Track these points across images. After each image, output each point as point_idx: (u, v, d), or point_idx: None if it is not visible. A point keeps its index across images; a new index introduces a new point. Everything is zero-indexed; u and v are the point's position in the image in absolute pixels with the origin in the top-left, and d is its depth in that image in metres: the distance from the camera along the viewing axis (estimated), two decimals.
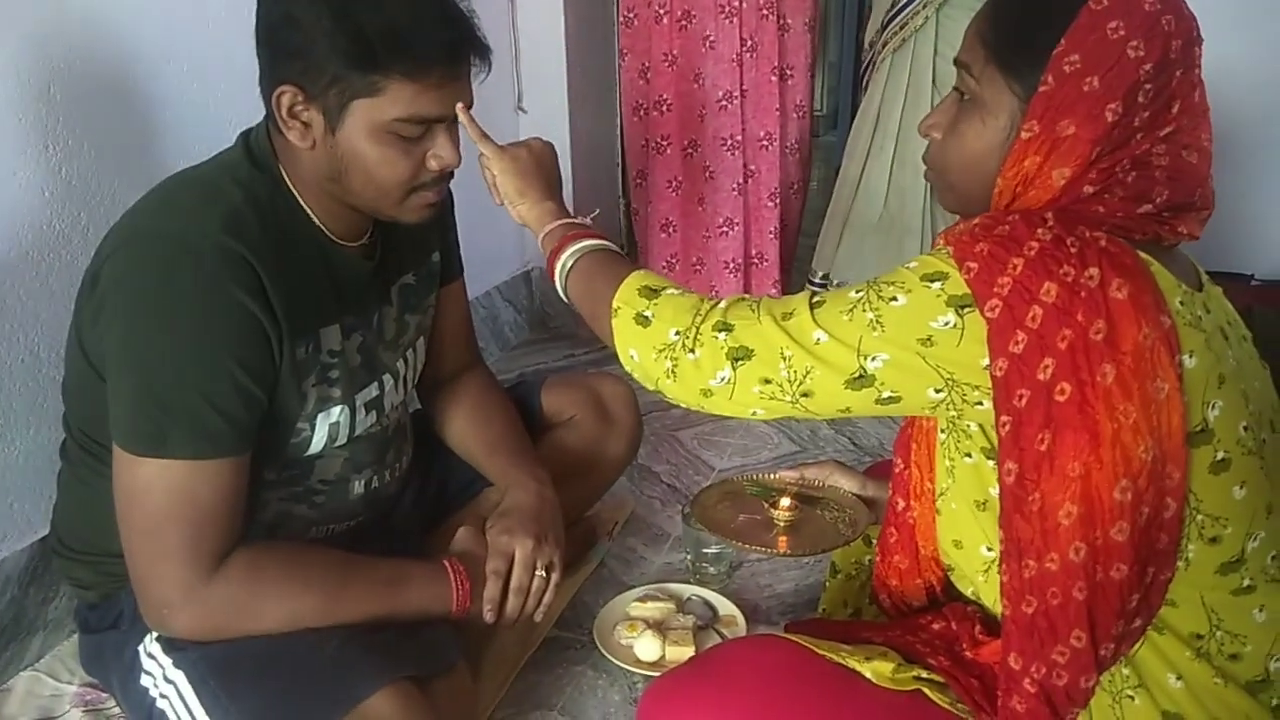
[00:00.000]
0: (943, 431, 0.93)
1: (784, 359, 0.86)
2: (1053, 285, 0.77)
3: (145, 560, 0.99)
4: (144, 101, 1.47)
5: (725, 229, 2.55)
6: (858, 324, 0.83)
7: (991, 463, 0.86)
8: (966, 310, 0.79)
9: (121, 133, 1.42)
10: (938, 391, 0.83)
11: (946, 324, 0.80)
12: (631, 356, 0.96)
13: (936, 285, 0.81)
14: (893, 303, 0.82)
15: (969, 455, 0.90)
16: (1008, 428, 0.80)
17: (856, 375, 0.83)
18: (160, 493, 0.97)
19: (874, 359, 0.82)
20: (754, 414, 0.91)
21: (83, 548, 1.15)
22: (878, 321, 0.82)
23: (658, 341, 0.93)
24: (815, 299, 0.88)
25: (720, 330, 0.89)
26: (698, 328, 0.91)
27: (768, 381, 0.87)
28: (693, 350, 0.90)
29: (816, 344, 0.84)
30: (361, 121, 1.00)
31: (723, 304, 0.93)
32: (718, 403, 0.91)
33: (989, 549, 0.91)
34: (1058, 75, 0.81)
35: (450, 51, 1.02)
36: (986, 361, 0.80)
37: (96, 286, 1.00)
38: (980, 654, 0.91)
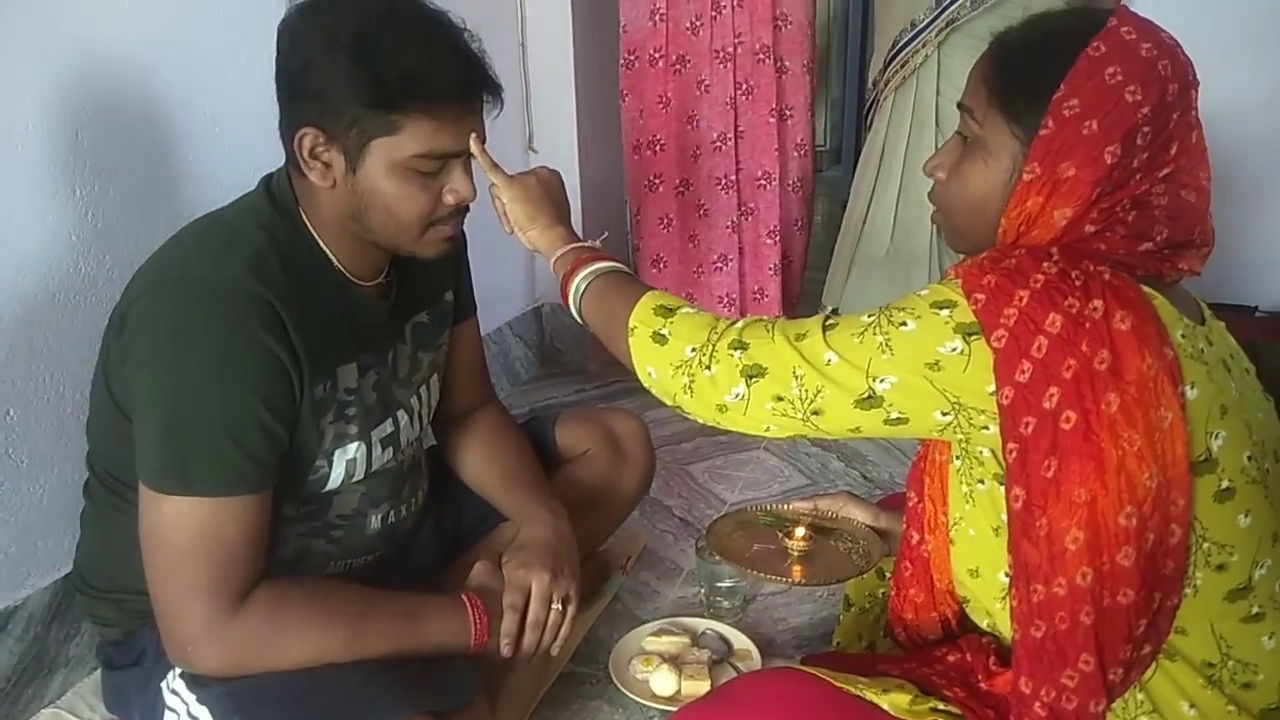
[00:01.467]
0: (957, 459, 0.95)
1: (796, 378, 0.88)
2: (1058, 316, 0.79)
3: (170, 597, 1.00)
4: (168, 147, 1.50)
5: (720, 265, 2.59)
6: (868, 347, 0.86)
7: (1003, 488, 0.88)
8: (973, 338, 0.82)
9: (146, 178, 1.46)
10: (944, 414, 0.85)
11: (954, 350, 0.83)
12: (649, 374, 0.99)
13: (945, 313, 0.84)
14: (902, 328, 0.85)
15: (982, 482, 0.91)
16: (1015, 455, 0.82)
17: (865, 396, 0.86)
18: (186, 530, 0.98)
19: (882, 381, 0.85)
20: (767, 430, 0.93)
21: (105, 585, 1.17)
22: (887, 345, 0.85)
23: (674, 359, 0.96)
24: (828, 322, 0.90)
25: (736, 348, 0.92)
26: (714, 345, 0.94)
27: (780, 399, 0.89)
28: (709, 367, 0.93)
29: (828, 365, 0.87)
30: (381, 160, 1.03)
31: (739, 324, 0.95)
32: (732, 418, 0.93)
33: (1006, 574, 0.91)
34: (1058, 119, 0.83)
35: (464, 89, 1.05)
36: (992, 388, 0.82)
37: (124, 328, 1.03)
38: (994, 685, 0.92)
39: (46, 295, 1.33)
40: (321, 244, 1.11)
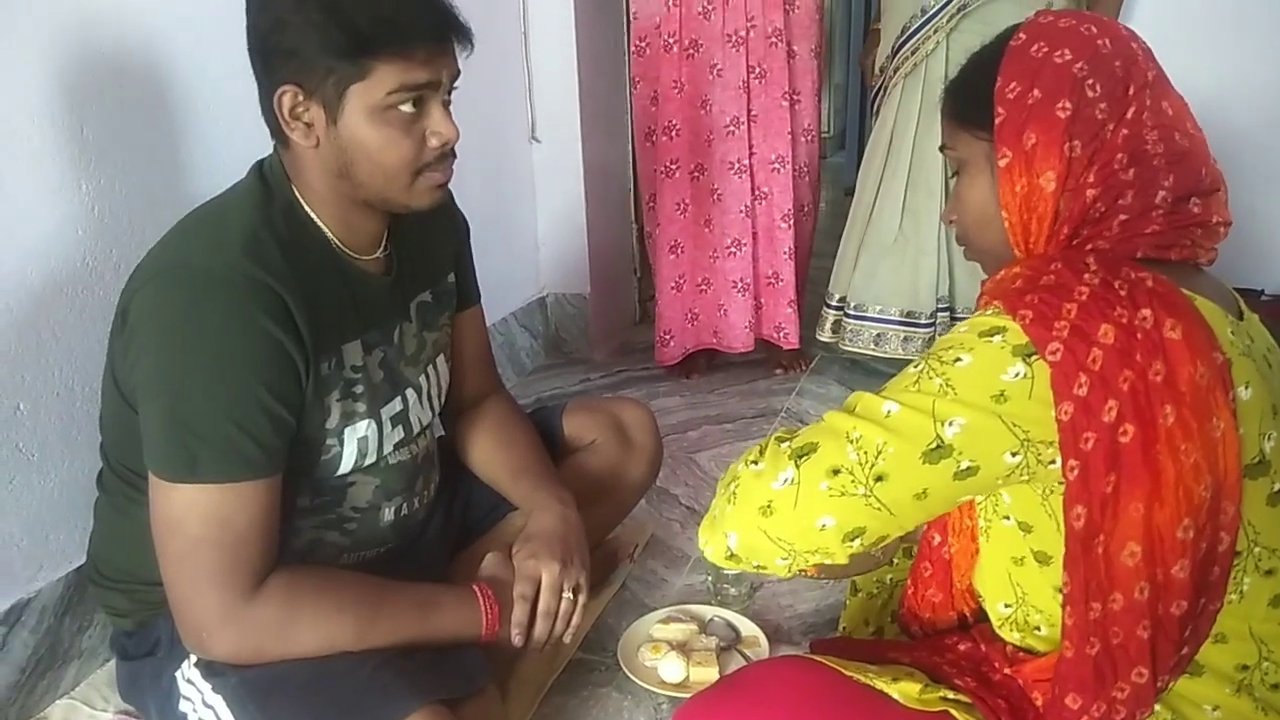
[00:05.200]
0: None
1: (851, 441, 0.83)
2: (1109, 327, 0.77)
3: (183, 584, 1.01)
4: (173, 139, 1.50)
5: (733, 250, 2.58)
6: (927, 391, 0.81)
7: (1008, 522, 0.88)
8: (1032, 358, 0.79)
9: (151, 170, 1.46)
10: (1013, 455, 0.81)
11: (1017, 375, 0.79)
12: (718, 541, 0.91)
13: (997, 339, 0.81)
14: (958, 364, 0.81)
15: (1008, 518, 0.91)
16: (1076, 472, 0.79)
17: (934, 446, 0.80)
18: (195, 517, 0.99)
19: (951, 424, 0.80)
20: (822, 528, 0.84)
21: (119, 576, 1.17)
22: (948, 385, 0.81)
23: (726, 480, 0.93)
24: (877, 391, 0.87)
25: (784, 441, 0.89)
26: (762, 446, 0.91)
27: (836, 472, 0.83)
28: (756, 462, 0.89)
29: (888, 416, 0.82)
30: (359, 106, 1.03)
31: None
32: (779, 520, 0.86)
33: (1006, 605, 0.92)
34: (1004, 103, 0.86)
35: (435, 31, 1.05)
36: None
37: (126, 321, 1.03)
38: (1022, 671, 0.92)
39: (54, 289, 1.33)
40: (317, 219, 1.11)
